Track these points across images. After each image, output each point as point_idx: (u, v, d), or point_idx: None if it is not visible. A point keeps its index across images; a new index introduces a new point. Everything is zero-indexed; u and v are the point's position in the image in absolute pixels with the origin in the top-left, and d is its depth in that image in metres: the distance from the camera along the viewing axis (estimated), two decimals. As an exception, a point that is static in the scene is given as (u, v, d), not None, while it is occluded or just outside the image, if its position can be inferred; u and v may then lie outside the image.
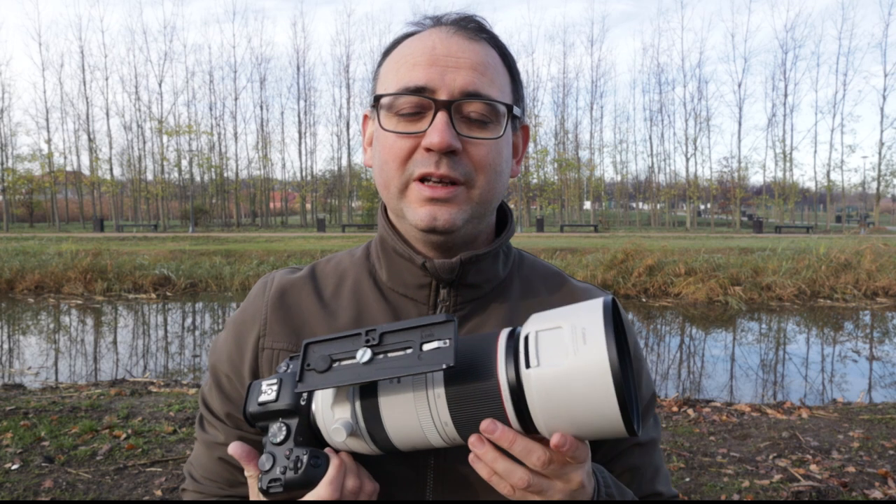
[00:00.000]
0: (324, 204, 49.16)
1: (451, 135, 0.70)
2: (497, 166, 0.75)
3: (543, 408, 0.54)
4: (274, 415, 0.63)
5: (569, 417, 0.53)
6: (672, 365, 8.11)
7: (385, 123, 0.74)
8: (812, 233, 31.31)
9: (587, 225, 38.94)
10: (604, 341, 0.51)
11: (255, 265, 15.69)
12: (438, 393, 0.57)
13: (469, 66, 0.72)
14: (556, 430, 0.54)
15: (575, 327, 0.54)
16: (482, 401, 0.56)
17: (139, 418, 4.72)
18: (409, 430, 0.59)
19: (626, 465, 0.84)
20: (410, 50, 0.74)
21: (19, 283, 13.80)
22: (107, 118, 48.12)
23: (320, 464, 0.61)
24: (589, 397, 0.52)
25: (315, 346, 0.61)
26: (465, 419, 0.57)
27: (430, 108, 0.71)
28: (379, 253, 0.83)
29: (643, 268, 13.37)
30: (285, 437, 0.62)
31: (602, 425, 0.53)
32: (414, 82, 0.71)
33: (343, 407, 0.61)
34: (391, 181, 0.75)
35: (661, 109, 46.61)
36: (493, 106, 0.72)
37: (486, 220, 0.79)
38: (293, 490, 0.60)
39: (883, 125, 40.00)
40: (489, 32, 0.77)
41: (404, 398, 0.58)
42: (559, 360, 0.53)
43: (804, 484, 3.64)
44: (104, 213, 47.86)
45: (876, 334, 10.29)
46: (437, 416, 0.58)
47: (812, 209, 55.71)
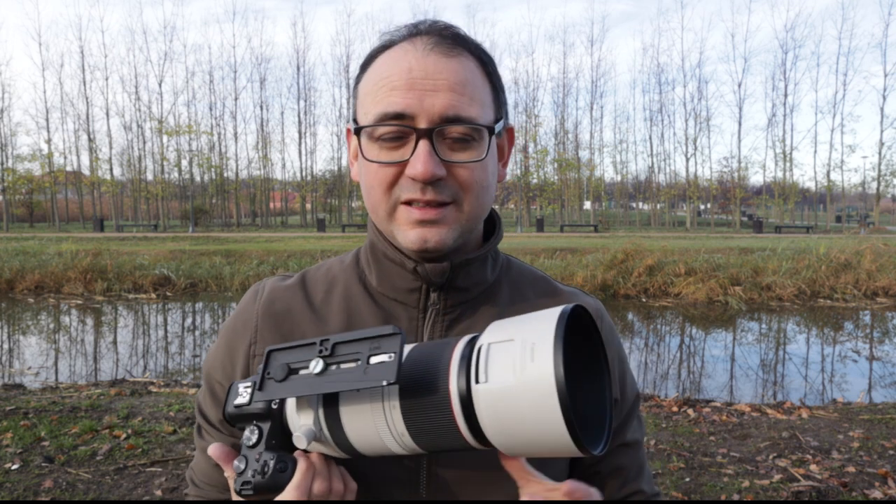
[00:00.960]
0: (324, 204, 49.17)
1: (434, 163, 0.69)
2: (483, 183, 0.74)
3: (492, 425, 0.52)
4: (248, 417, 0.63)
5: (518, 436, 0.52)
6: (672, 365, 8.11)
7: (367, 152, 0.74)
8: (812, 233, 31.32)
9: (587, 225, 38.94)
10: (551, 359, 0.49)
11: (255, 265, 15.69)
12: (394, 404, 0.56)
13: (447, 88, 0.71)
14: (507, 447, 0.53)
15: (525, 342, 0.51)
16: (434, 413, 0.55)
17: (139, 418, 4.72)
18: (369, 439, 0.59)
19: (612, 465, 0.86)
20: (387, 71, 0.73)
21: (19, 283, 13.80)
22: (107, 118, 48.15)
23: (286, 468, 0.61)
24: (536, 418, 0.49)
25: (277, 353, 0.61)
26: (420, 430, 0.56)
27: (411, 135, 0.71)
28: (369, 258, 0.84)
29: (643, 268, 13.37)
30: (257, 440, 0.62)
31: (553, 446, 0.51)
32: (392, 108, 0.70)
33: (307, 413, 0.61)
34: (378, 206, 0.75)
35: (661, 109, 46.64)
36: (475, 127, 0.72)
37: (476, 229, 0.80)
38: (262, 493, 0.61)
39: (883, 125, 40.04)
40: (466, 41, 0.75)
41: (362, 408, 0.58)
42: (506, 377, 0.51)
43: (804, 484, 3.64)
44: (104, 213, 47.87)
45: (876, 334, 10.29)
46: (392, 426, 0.57)
47: (812, 209, 55.72)
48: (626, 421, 0.88)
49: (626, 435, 0.87)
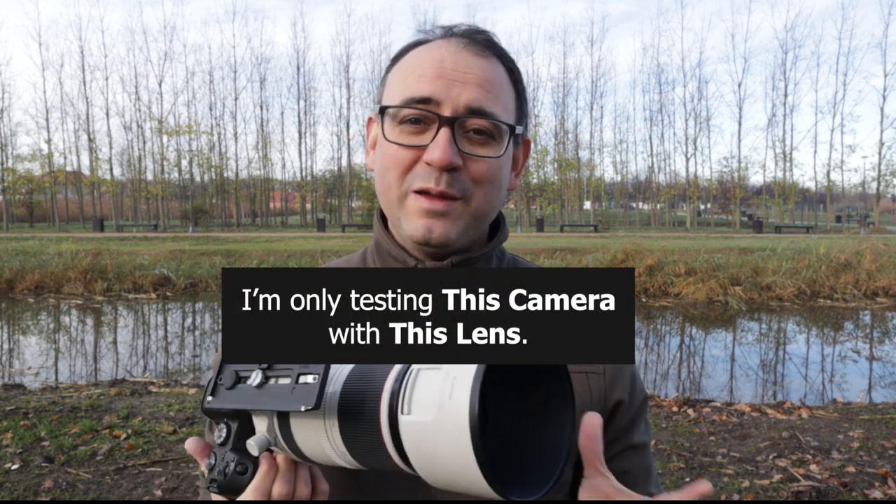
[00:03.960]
0: (324, 204, 49.17)
1: (452, 152, 0.70)
2: (496, 182, 0.75)
3: (415, 458, 0.50)
4: (220, 414, 0.63)
5: (440, 473, 0.49)
6: (672, 365, 8.11)
7: (388, 133, 0.75)
8: (812, 233, 31.31)
9: (587, 225, 38.94)
10: (468, 398, 0.45)
11: (256, 265, 15.69)
12: (333, 422, 0.55)
13: (475, 83, 0.72)
14: (433, 481, 0.51)
15: (449, 373, 0.48)
16: (367, 437, 0.53)
17: (139, 418, 4.72)
18: (317, 452, 0.58)
19: (619, 469, 0.84)
20: (418, 60, 0.75)
21: (19, 283, 13.79)
22: (107, 118, 48.12)
23: (246, 470, 0.61)
24: (453, 461, 0.47)
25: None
26: (359, 451, 0.54)
27: (433, 122, 0.72)
28: (374, 257, 0.84)
29: (643, 268, 13.37)
30: (224, 439, 0.62)
31: (475, 489, 0.47)
32: (419, 93, 0.72)
33: (262, 420, 0.60)
34: (391, 189, 0.76)
35: (661, 109, 46.63)
36: (496, 123, 0.73)
37: (481, 230, 0.79)
38: (225, 493, 0.61)
39: (883, 125, 40.02)
40: (499, 48, 0.77)
41: (308, 422, 0.57)
42: (425, 412, 0.48)
43: (804, 484, 3.64)
44: (104, 213, 47.84)
45: (876, 334, 10.29)
46: (334, 443, 0.55)
47: (812, 209, 55.72)
48: (634, 423, 0.87)
49: (634, 437, 0.86)
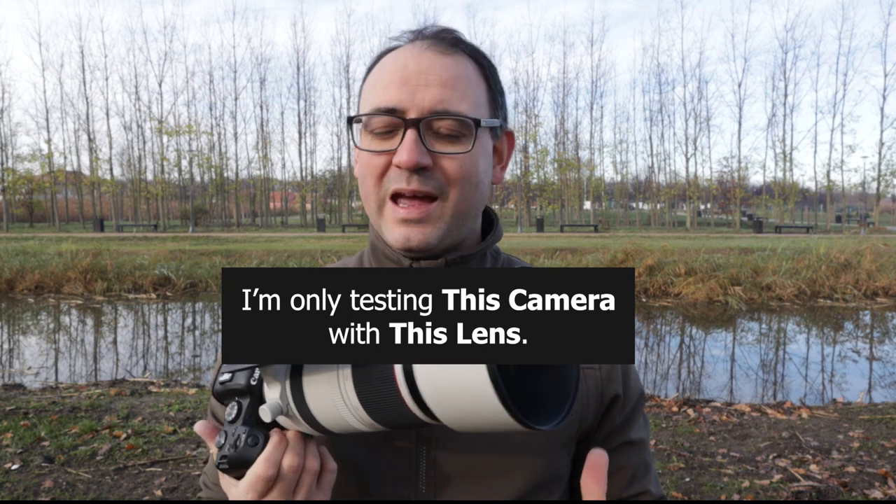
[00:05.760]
0: (324, 204, 49.19)
1: (419, 152, 0.71)
2: (471, 178, 0.75)
3: (432, 399, 0.52)
4: (231, 393, 0.65)
5: (457, 411, 0.51)
6: (672, 365, 8.11)
7: (361, 142, 0.77)
8: (812, 233, 31.32)
9: (587, 225, 38.94)
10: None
11: (256, 265, 15.69)
12: (346, 377, 0.57)
13: (438, 83, 0.73)
14: (451, 422, 0.53)
15: None
16: (381, 385, 0.55)
17: (139, 418, 4.72)
18: (330, 413, 0.59)
19: (617, 464, 0.85)
20: (385, 69, 0.76)
21: (19, 283, 13.79)
22: (107, 118, 48.11)
23: (257, 442, 0.62)
24: (470, 392, 0.49)
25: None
26: (371, 403, 0.56)
27: (401, 127, 0.73)
28: (371, 258, 0.86)
29: (643, 268, 13.37)
30: (235, 415, 0.64)
31: (494, 421, 0.50)
32: (385, 103, 0.73)
33: (275, 387, 0.62)
34: (370, 197, 0.77)
35: (661, 109, 46.64)
36: (462, 121, 0.73)
37: (466, 227, 0.79)
38: (236, 468, 0.62)
39: (883, 125, 40.05)
40: (466, 44, 0.78)
41: (321, 378, 0.58)
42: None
43: (804, 484, 3.64)
44: (104, 213, 47.87)
45: (876, 334, 10.29)
46: (347, 399, 0.57)
47: (812, 209, 55.73)
48: (631, 419, 0.87)
49: (630, 433, 0.87)
